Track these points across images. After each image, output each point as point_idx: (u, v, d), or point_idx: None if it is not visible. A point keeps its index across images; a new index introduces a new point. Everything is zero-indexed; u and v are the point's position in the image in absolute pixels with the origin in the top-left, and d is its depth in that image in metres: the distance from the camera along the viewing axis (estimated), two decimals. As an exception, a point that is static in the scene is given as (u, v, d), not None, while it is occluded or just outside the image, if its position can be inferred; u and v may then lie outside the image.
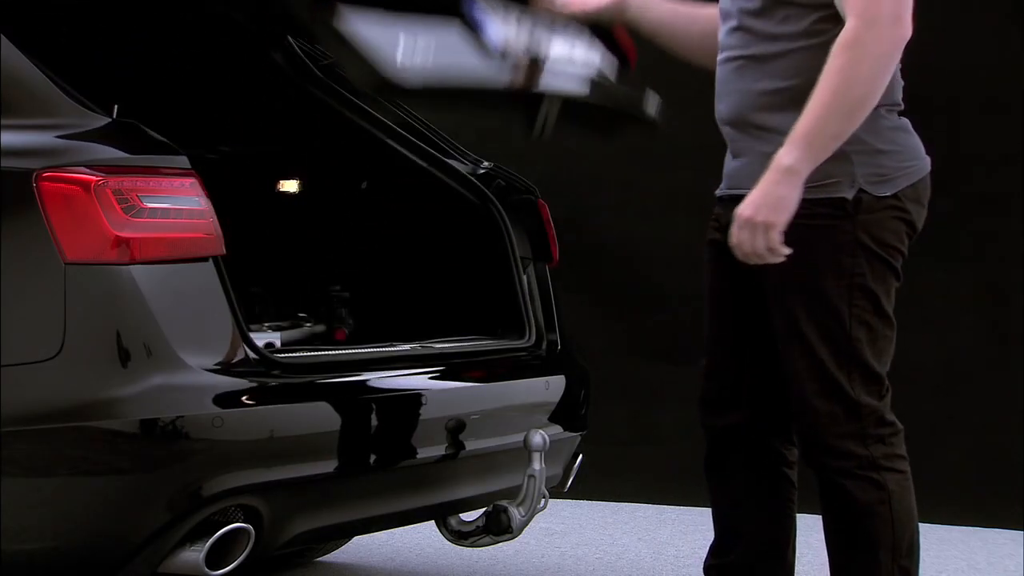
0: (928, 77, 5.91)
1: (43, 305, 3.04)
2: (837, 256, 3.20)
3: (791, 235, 3.16)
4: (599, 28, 3.56)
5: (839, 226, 3.20)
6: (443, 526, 4.04)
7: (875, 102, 3.12)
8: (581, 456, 4.20)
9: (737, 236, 3.14)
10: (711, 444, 3.48)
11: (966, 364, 5.84)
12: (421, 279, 4.37)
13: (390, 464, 3.48)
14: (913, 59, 6.10)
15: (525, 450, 3.74)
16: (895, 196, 3.22)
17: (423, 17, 3.29)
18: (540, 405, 3.96)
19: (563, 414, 4.01)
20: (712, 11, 3.45)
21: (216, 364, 3.16)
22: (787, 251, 3.13)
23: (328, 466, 3.32)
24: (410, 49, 3.13)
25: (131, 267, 3.07)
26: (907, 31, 3.12)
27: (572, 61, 3.50)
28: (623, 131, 3.72)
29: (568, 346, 4.18)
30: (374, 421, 3.46)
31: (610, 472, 5.76)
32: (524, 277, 4.13)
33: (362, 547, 5.01)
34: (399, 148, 4.29)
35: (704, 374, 3.48)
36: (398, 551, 5.00)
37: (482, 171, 4.31)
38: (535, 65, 3.40)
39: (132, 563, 3.10)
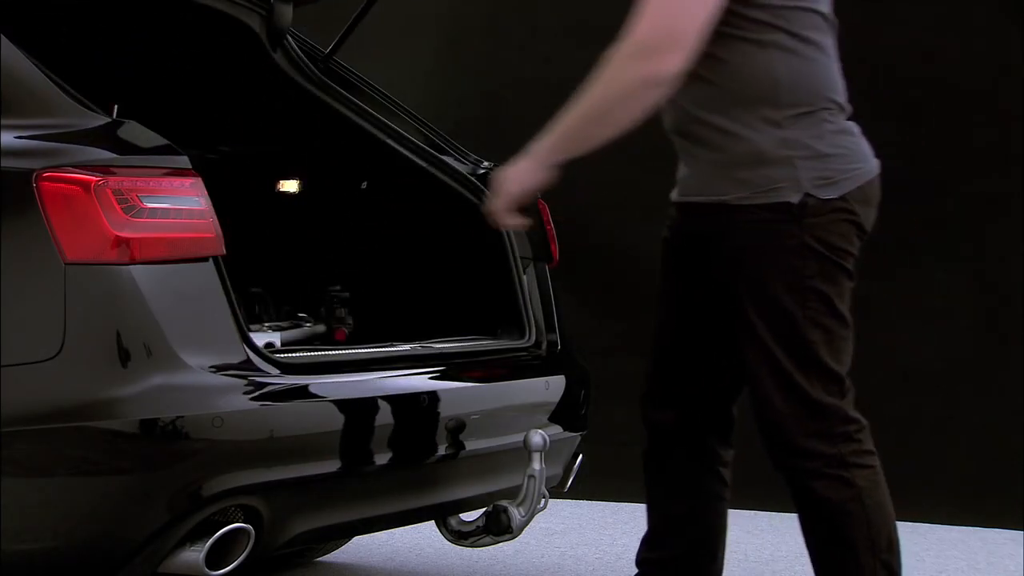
0: (928, 77, 5.91)
1: (43, 305, 3.04)
2: (786, 260, 3.23)
3: (743, 242, 3.23)
4: None
5: (787, 230, 3.22)
6: (443, 526, 4.04)
7: (614, 127, 3.15)
8: (581, 456, 4.20)
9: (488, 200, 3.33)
10: (650, 438, 3.55)
11: (965, 363, 5.84)
12: (421, 279, 4.37)
13: (390, 464, 3.48)
14: (914, 60, 6.13)
15: (525, 450, 3.74)
16: (842, 199, 3.24)
17: None
18: (540, 405, 3.97)
19: (563, 414, 4.01)
20: None
21: (216, 364, 3.16)
22: (514, 222, 3.30)
23: (328, 466, 3.32)
24: None
25: (131, 267, 3.07)
26: (665, 67, 3.09)
27: None
28: None
29: (568, 346, 4.18)
30: (374, 421, 3.45)
31: (610, 472, 5.76)
32: (524, 277, 4.13)
33: (362, 547, 5.01)
34: (399, 148, 4.29)
35: (648, 369, 3.54)
36: (398, 551, 5.00)
37: (482, 171, 4.32)
38: None
39: (132, 563, 3.10)
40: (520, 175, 3.26)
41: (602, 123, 3.14)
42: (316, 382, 3.39)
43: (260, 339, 3.46)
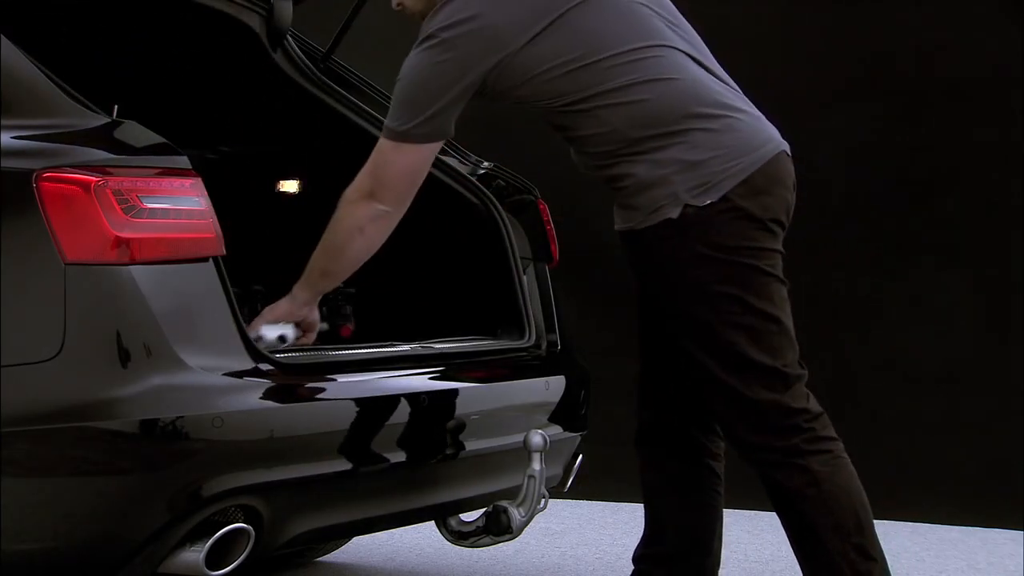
0: (928, 77, 5.91)
1: (43, 305, 3.04)
2: (686, 272, 3.33)
3: (650, 268, 3.39)
4: None
5: (677, 244, 3.32)
6: (443, 526, 4.03)
7: (353, 258, 3.55)
8: (581, 456, 4.20)
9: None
10: (640, 436, 3.64)
11: (966, 364, 5.84)
12: (421, 279, 4.36)
13: (390, 464, 3.48)
14: (914, 59, 6.12)
15: (525, 450, 3.74)
16: (723, 199, 3.29)
17: None
18: (540, 405, 3.96)
19: (563, 414, 4.01)
20: None
21: (216, 364, 3.16)
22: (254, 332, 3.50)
23: (328, 466, 3.32)
24: None
25: (131, 267, 3.06)
26: (379, 207, 3.49)
27: None
28: None
29: (568, 346, 4.18)
30: (374, 421, 3.45)
31: (610, 472, 5.76)
32: (524, 277, 4.13)
33: (362, 547, 5.01)
34: (399, 148, 4.27)
35: (638, 372, 3.67)
36: (398, 551, 5.00)
37: (482, 171, 4.31)
38: None
39: (132, 563, 3.10)
40: (277, 310, 3.60)
41: (342, 257, 3.54)
42: (316, 382, 3.39)
43: (273, 331, 3.52)
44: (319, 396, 3.37)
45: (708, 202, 3.29)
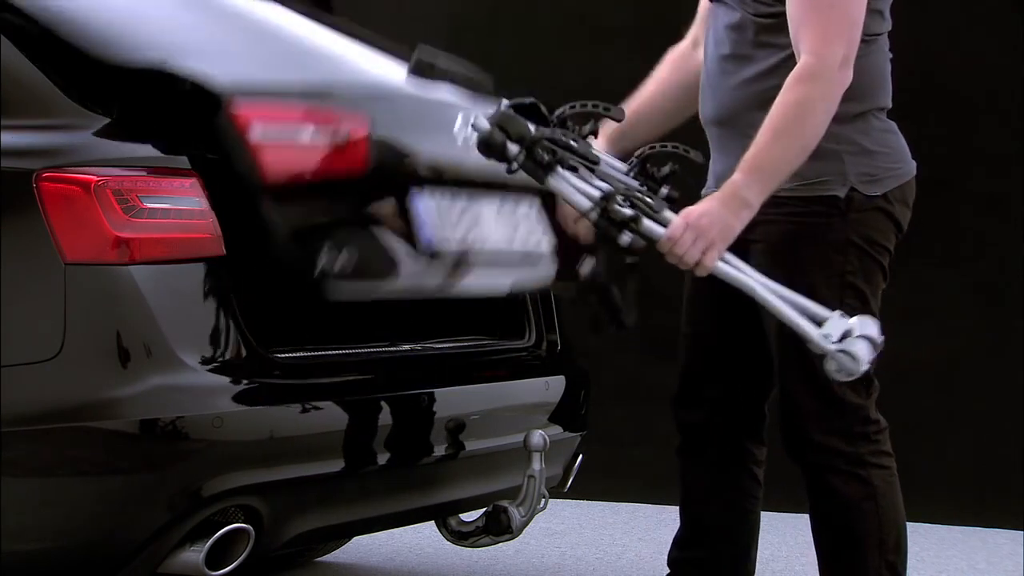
0: (928, 77, 5.91)
1: (43, 305, 3.05)
2: (828, 254, 3.25)
3: (783, 233, 3.22)
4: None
5: (831, 224, 3.25)
6: (443, 526, 4.04)
7: (811, 150, 3.14)
8: (581, 456, 4.20)
9: (680, 235, 3.11)
10: (682, 439, 3.54)
11: (965, 364, 5.84)
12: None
13: (390, 464, 3.48)
14: (913, 59, 6.12)
15: (525, 450, 3.74)
16: (884, 196, 3.28)
17: None
18: (540, 405, 3.96)
19: (563, 414, 4.01)
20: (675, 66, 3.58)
21: (216, 364, 3.16)
22: (712, 270, 3.14)
23: (328, 466, 3.32)
24: None
25: (131, 267, 3.07)
26: (851, 75, 3.17)
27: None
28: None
29: (568, 346, 4.18)
30: (374, 421, 3.45)
31: (610, 472, 5.76)
32: (524, 277, 4.12)
33: (362, 547, 5.01)
34: (399, 148, 4.27)
35: (680, 371, 3.54)
36: (398, 551, 5.00)
37: (482, 171, 4.30)
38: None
39: (132, 563, 3.10)
40: (730, 228, 3.12)
41: (814, 143, 3.14)
42: (316, 382, 3.39)
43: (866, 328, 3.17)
44: (319, 396, 3.37)
45: (873, 194, 3.26)
